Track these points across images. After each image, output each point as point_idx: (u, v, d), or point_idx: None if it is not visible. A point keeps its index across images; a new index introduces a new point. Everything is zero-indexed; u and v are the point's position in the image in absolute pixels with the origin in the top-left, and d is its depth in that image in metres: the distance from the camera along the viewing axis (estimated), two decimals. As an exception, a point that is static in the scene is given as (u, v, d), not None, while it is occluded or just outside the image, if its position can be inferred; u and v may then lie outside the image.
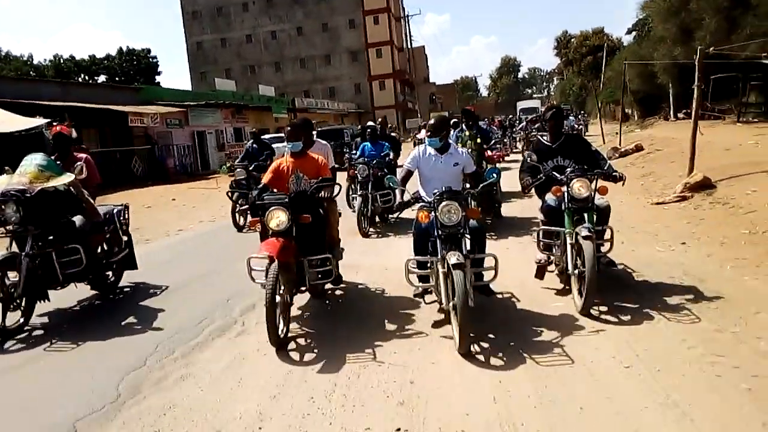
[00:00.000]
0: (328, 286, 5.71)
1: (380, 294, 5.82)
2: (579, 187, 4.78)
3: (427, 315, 5.02)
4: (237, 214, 10.16)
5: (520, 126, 25.35)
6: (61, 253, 5.38)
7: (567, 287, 5.25)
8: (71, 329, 5.44)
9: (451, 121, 9.96)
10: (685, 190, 9.35)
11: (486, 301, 5.01)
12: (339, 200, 6.21)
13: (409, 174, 5.25)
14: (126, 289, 6.70)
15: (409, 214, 9.58)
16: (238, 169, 10.17)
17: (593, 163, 5.21)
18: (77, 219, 5.74)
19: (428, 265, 4.73)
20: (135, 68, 67.10)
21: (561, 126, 5.57)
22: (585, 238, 4.52)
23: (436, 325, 4.79)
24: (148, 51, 70.71)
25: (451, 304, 4.19)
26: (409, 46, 67.53)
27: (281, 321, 4.48)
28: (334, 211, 5.73)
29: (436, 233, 4.46)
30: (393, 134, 17.40)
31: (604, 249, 5.01)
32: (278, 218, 4.60)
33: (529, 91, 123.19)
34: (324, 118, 46.97)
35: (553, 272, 5.47)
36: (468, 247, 4.51)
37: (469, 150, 7.89)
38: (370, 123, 11.43)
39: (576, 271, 4.70)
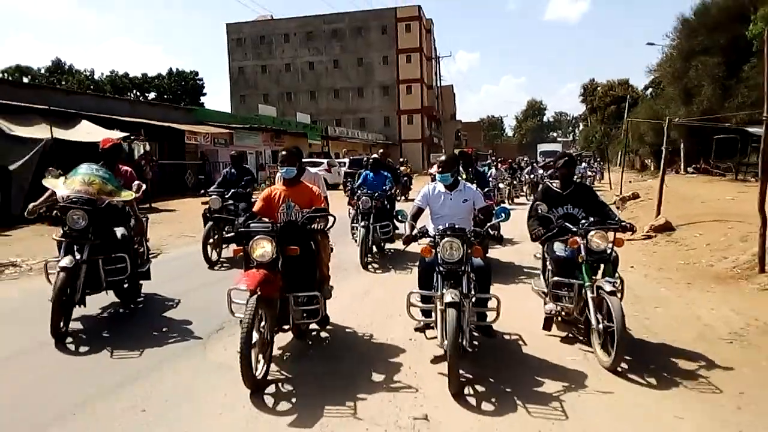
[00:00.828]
0: (313, 326, 5.26)
1: (369, 339, 5.36)
2: (598, 240, 4.68)
3: (416, 360, 4.70)
4: (209, 247, 8.59)
5: (526, 170, 23.96)
6: (106, 261, 5.50)
7: (570, 335, 5.22)
8: (116, 335, 5.40)
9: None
10: (650, 230, 11.22)
11: (489, 343, 4.89)
12: (340, 229, 6.20)
13: (419, 211, 5.28)
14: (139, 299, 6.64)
15: (411, 247, 10.33)
16: (213, 196, 8.64)
17: (601, 214, 5.10)
18: (119, 230, 5.80)
19: (431, 299, 4.61)
20: (182, 88, 70.47)
21: (572, 174, 5.48)
22: (611, 293, 4.38)
23: (436, 360, 4.65)
24: (196, 73, 74.48)
25: (446, 343, 4.05)
26: (438, 85, 69.98)
27: (260, 360, 4.12)
28: (326, 245, 5.30)
29: (437, 269, 4.44)
30: (400, 168, 19.03)
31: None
32: (263, 248, 4.27)
33: (554, 134, 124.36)
34: (354, 147, 49.72)
35: (556, 320, 5.36)
36: (469, 286, 4.35)
37: None
38: (374, 156, 11.07)
39: (600, 326, 4.50)
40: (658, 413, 3.78)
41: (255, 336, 3.96)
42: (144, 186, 6.11)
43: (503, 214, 4.75)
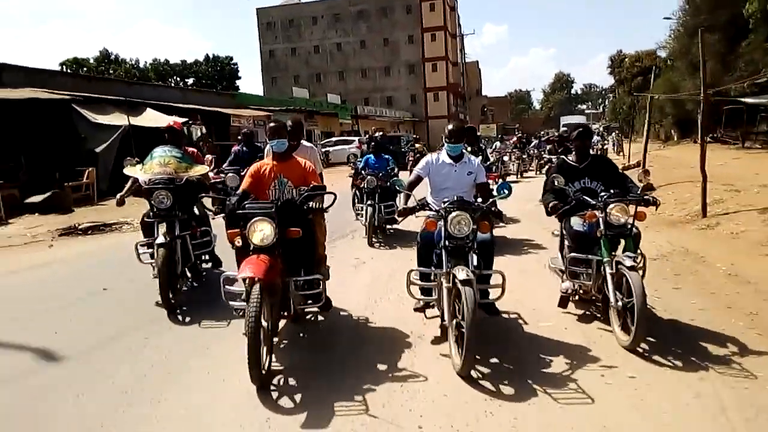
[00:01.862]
0: (310, 310, 4.85)
1: (365, 323, 5.03)
2: (617, 213, 4.36)
3: (417, 343, 4.43)
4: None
5: (533, 144, 23.31)
6: (192, 236, 5.68)
7: (588, 313, 4.90)
8: (199, 307, 5.45)
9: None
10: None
11: (492, 321, 4.58)
12: (341, 208, 5.69)
13: (418, 180, 4.88)
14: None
15: (407, 225, 9.10)
16: (230, 174, 7.82)
17: (621, 187, 4.73)
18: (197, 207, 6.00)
19: (431, 277, 4.34)
20: (218, 73, 72.47)
21: (588, 146, 5.12)
22: (630, 268, 4.07)
23: (436, 341, 4.38)
24: (231, 58, 76.41)
25: (454, 321, 3.83)
26: (463, 62, 70.15)
27: (264, 354, 3.76)
28: (322, 225, 4.95)
29: (442, 244, 4.10)
30: (416, 145, 18.69)
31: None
32: (263, 231, 3.91)
33: (582, 107, 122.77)
34: (382, 125, 51.35)
35: (573, 299, 5.05)
36: (474, 263, 4.10)
37: None
38: (378, 133, 11.07)
39: (620, 304, 4.19)
40: (676, 394, 3.41)
41: (262, 327, 3.60)
42: (213, 160, 6.57)
43: (505, 191, 4.40)
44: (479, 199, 4.84)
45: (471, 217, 4.04)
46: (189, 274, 5.97)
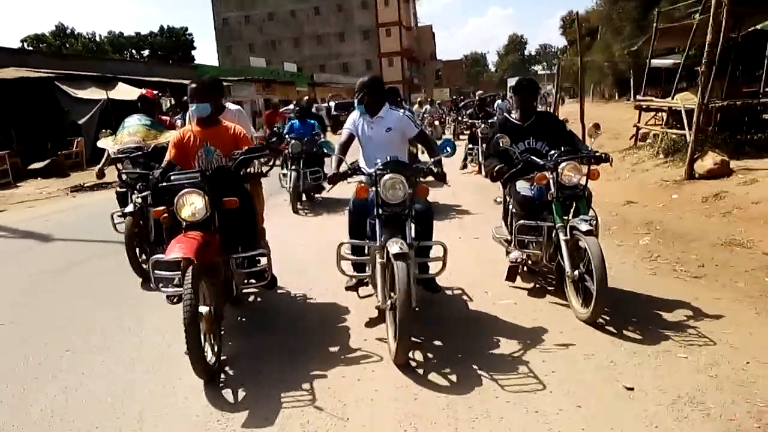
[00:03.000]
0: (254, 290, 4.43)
1: (303, 300, 4.57)
2: (570, 173, 3.85)
3: (356, 323, 3.97)
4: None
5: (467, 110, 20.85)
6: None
7: (538, 285, 4.43)
8: None
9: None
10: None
11: (430, 299, 4.01)
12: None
13: (349, 139, 4.16)
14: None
15: (341, 193, 7.95)
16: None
17: (569, 145, 4.17)
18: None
19: (365, 250, 3.82)
20: (174, 44, 70.99)
21: (531, 102, 4.49)
22: (587, 233, 3.55)
23: (371, 323, 3.87)
24: (186, 29, 75.04)
25: (389, 302, 3.31)
26: (416, 26, 73.03)
27: (209, 342, 3.26)
28: (260, 193, 4.53)
29: (375, 213, 3.51)
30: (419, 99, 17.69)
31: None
32: (193, 204, 3.35)
33: (535, 68, 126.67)
34: (338, 92, 52.94)
35: (521, 270, 4.52)
36: (413, 234, 3.56)
37: None
38: (304, 100, 10.78)
39: (576, 273, 3.69)
40: (643, 372, 3.00)
41: (202, 312, 3.10)
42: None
43: (448, 148, 3.85)
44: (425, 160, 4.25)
45: (406, 180, 3.47)
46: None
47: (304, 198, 8.97)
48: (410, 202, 3.54)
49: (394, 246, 3.23)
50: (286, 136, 8.89)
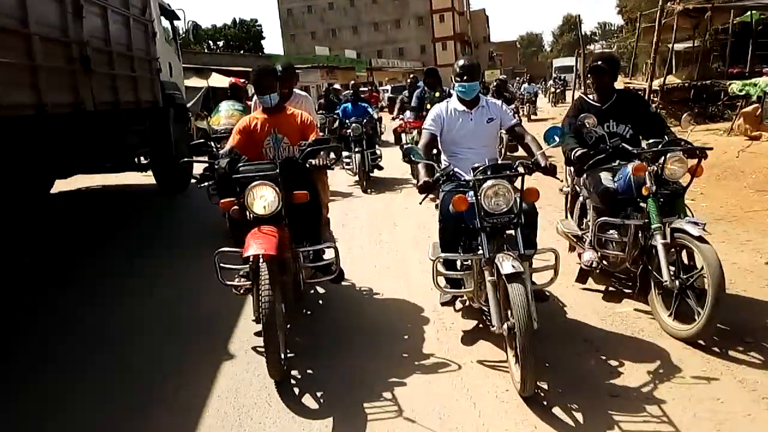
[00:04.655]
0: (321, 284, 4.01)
1: (375, 296, 4.16)
2: (676, 167, 3.22)
3: (448, 326, 3.51)
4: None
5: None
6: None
7: (612, 288, 3.84)
8: None
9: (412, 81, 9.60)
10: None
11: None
12: None
13: (432, 140, 3.47)
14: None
15: (388, 170, 9.05)
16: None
17: (658, 130, 3.50)
18: None
19: (460, 265, 3.18)
20: (245, 35, 73.09)
21: (610, 82, 3.76)
22: (700, 239, 2.91)
23: (468, 341, 3.28)
24: (256, 20, 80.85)
25: (505, 325, 2.74)
26: (468, 10, 73.46)
27: (282, 343, 2.99)
28: (326, 184, 4.23)
29: (478, 225, 2.93)
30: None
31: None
32: (264, 198, 3.11)
33: (592, 47, 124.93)
34: (394, 75, 53.29)
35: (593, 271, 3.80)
36: (522, 243, 2.91)
37: None
38: (353, 83, 10.90)
39: (676, 283, 3.06)
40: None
41: (277, 311, 2.85)
42: None
43: (556, 137, 3.10)
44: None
45: (511, 185, 2.90)
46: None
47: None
48: (518, 209, 2.93)
49: (506, 264, 2.68)
50: (346, 121, 8.87)
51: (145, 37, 7.70)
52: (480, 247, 2.97)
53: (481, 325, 3.47)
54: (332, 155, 3.60)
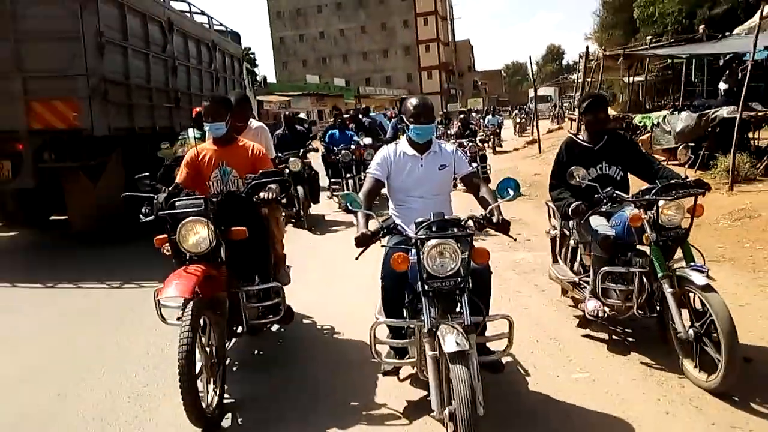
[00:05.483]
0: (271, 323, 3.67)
1: (336, 336, 3.91)
2: (672, 213, 3.07)
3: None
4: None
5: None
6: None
7: (616, 337, 3.57)
8: None
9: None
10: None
11: (493, 380, 2.83)
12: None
13: (377, 187, 3.06)
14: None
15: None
16: (292, 159, 7.33)
17: (649, 171, 3.39)
18: None
19: (403, 331, 2.84)
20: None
21: (604, 121, 3.63)
22: (704, 288, 2.74)
23: (410, 413, 2.81)
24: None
25: (446, 411, 2.32)
26: (453, 41, 70.91)
27: (211, 385, 2.81)
28: (279, 219, 4.01)
29: (420, 288, 2.52)
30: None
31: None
32: (197, 234, 2.93)
33: (574, 76, 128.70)
34: (382, 102, 51.55)
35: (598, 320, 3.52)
36: (468, 311, 2.48)
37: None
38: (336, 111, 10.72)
39: (691, 333, 2.86)
40: None
41: (198, 356, 2.66)
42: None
43: (510, 190, 2.68)
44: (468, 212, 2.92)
45: (460, 244, 2.47)
46: None
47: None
48: (466, 271, 2.51)
49: (449, 340, 2.25)
50: (333, 147, 8.83)
51: (242, 89, 11.48)
52: (417, 310, 2.53)
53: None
54: (275, 187, 3.34)
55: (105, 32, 6.40)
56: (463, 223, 2.60)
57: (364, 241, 2.68)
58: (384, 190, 3.20)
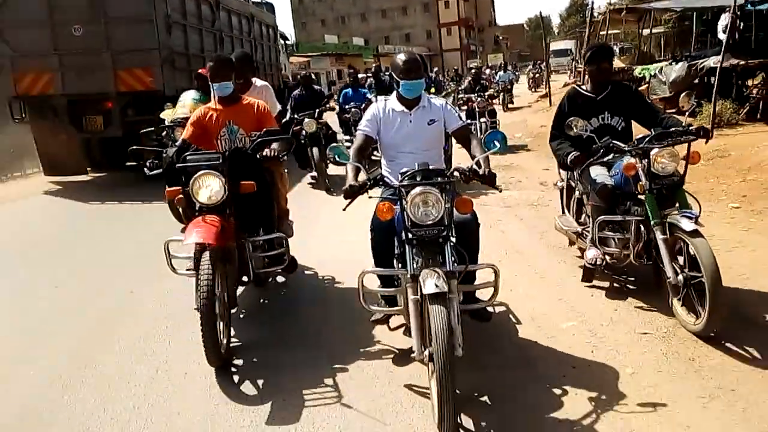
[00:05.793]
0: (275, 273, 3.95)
1: (336, 285, 4.15)
2: (665, 160, 3.13)
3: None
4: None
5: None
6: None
7: (617, 285, 3.72)
8: None
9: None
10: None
11: (482, 328, 3.09)
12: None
13: (367, 142, 3.13)
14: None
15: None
16: (307, 120, 7.44)
17: (651, 121, 3.44)
18: None
19: (394, 280, 2.92)
20: None
21: (607, 71, 3.68)
22: (692, 234, 2.86)
23: (399, 360, 3.01)
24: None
25: (426, 351, 2.40)
26: None
27: (222, 330, 3.02)
28: (283, 174, 4.17)
29: (404, 236, 2.62)
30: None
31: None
32: (210, 187, 3.10)
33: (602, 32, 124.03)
34: None
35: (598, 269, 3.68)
36: (453, 257, 2.59)
37: None
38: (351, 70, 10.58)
39: (680, 278, 3.01)
40: None
41: (216, 301, 2.87)
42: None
43: (496, 143, 2.81)
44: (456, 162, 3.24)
45: (443, 193, 2.55)
46: None
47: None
48: (449, 220, 2.58)
49: (429, 282, 2.35)
50: (345, 106, 9.01)
51: (277, 54, 14.28)
52: (405, 259, 2.60)
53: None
54: (277, 146, 3.51)
55: (171, 15, 8.60)
56: (447, 173, 2.66)
57: (351, 193, 2.74)
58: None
